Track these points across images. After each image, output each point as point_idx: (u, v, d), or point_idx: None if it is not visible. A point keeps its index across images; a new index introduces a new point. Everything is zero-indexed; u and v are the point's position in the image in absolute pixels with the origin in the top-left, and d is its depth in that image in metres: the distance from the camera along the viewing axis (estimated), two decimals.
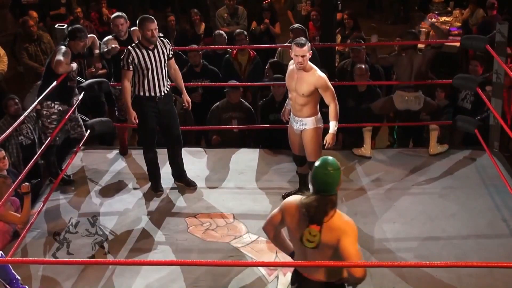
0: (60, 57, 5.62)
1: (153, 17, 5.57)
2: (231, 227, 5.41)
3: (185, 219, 5.51)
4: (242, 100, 6.90)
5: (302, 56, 5.08)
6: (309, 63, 5.18)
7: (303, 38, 5.22)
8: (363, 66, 6.80)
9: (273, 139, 6.68)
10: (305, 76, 5.16)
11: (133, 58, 5.51)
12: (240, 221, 5.47)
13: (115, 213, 5.58)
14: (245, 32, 8.04)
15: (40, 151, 5.61)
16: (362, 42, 7.48)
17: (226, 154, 6.57)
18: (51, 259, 4.94)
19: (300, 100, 5.23)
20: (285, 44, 7.48)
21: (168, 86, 5.73)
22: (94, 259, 5.01)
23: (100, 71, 7.53)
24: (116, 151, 6.67)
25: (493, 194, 5.73)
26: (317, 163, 3.49)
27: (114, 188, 6.01)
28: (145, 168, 5.99)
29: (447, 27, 9.88)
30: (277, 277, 4.74)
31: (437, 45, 6.53)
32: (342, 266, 3.49)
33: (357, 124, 6.54)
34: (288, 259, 3.88)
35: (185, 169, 5.98)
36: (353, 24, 8.82)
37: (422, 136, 6.90)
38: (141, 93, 5.62)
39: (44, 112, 5.82)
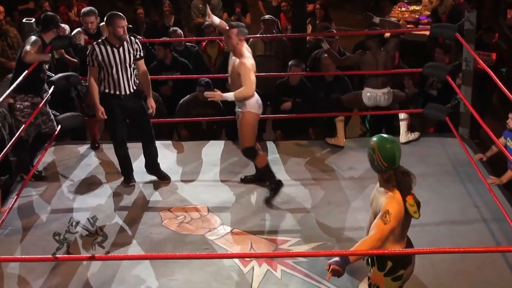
0: (27, 46, 5.57)
1: (122, 14, 5.51)
2: (205, 219, 5.40)
3: (159, 213, 5.49)
4: None
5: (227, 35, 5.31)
6: (245, 50, 5.33)
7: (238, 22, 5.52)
8: None
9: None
10: (235, 61, 5.33)
11: (97, 55, 5.45)
12: (214, 213, 5.46)
13: (88, 208, 5.52)
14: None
15: (9, 143, 5.52)
16: (334, 31, 7.50)
17: (198, 147, 6.55)
18: (23, 256, 4.88)
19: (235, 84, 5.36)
20: (256, 35, 7.47)
21: (135, 85, 5.66)
22: (67, 255, 4.94)
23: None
24: (87, 146, 6.61)
25: (465, 181, 5.80)
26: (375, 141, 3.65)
27: (86, 183, 5.96)
28: (117, 162, 5.94)
29: (417, 16, 9.95)
30: (252, 268, 4.75)
31: (395, 35, 6.57)
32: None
33: (328, 113, 6.55)
34: (262, 250, 3.86)
35: (158, 162, 5.95)
36: (324, 14, 8.82)
37: (394, 125, 6.94)
38: (106, 90, 5.58)
39: (18, 106, 5.75)
